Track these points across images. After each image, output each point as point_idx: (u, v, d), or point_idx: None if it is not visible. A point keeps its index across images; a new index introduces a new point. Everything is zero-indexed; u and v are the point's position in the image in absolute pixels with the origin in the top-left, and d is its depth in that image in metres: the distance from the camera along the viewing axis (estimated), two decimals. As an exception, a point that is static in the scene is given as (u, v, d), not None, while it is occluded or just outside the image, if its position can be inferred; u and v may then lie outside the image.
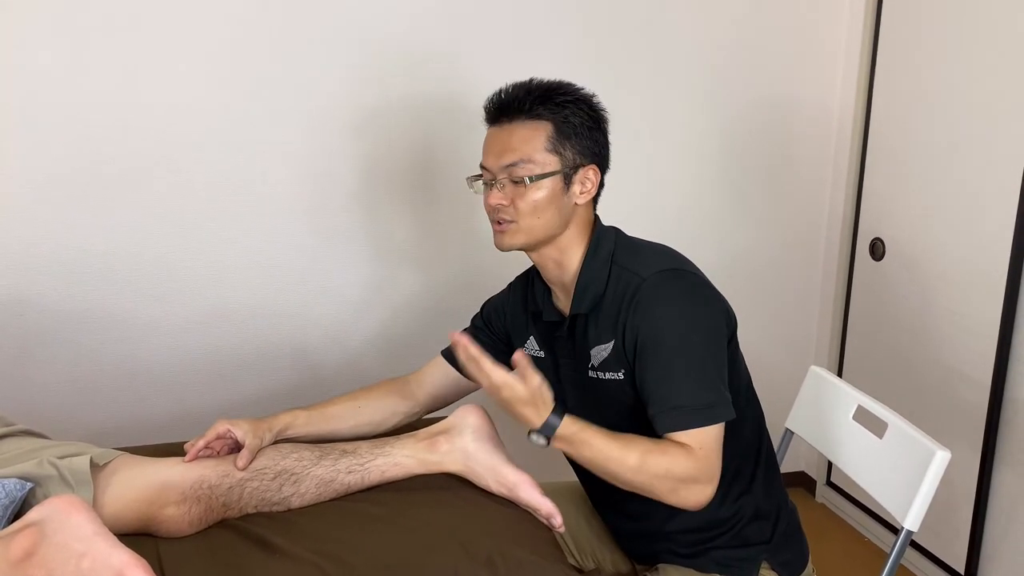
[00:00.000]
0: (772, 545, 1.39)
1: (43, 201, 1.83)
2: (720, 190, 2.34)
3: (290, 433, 1.41)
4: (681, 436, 1.23)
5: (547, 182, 1.30)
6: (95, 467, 1.24)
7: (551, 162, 1.31)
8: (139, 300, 1.93)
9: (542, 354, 1.44)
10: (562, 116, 1.31)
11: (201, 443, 1.32)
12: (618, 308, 1.30)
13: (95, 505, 1.20)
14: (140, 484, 1.24)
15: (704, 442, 1.23)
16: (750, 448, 1.40)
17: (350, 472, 1.34)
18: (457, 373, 1.50)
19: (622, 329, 1.29)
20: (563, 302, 1.40)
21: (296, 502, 1.32)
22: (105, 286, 1.90)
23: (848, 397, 1.56)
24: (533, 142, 1.30)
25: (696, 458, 1.23)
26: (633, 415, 1.31)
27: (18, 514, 1.15)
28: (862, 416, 1.54)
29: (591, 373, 1.34)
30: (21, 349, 1.88)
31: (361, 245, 2.07)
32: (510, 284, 1.54)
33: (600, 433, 1.23)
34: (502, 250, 1.35)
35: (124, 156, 1.86)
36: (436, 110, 2.05)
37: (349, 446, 1.38)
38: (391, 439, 1.40)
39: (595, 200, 1.37)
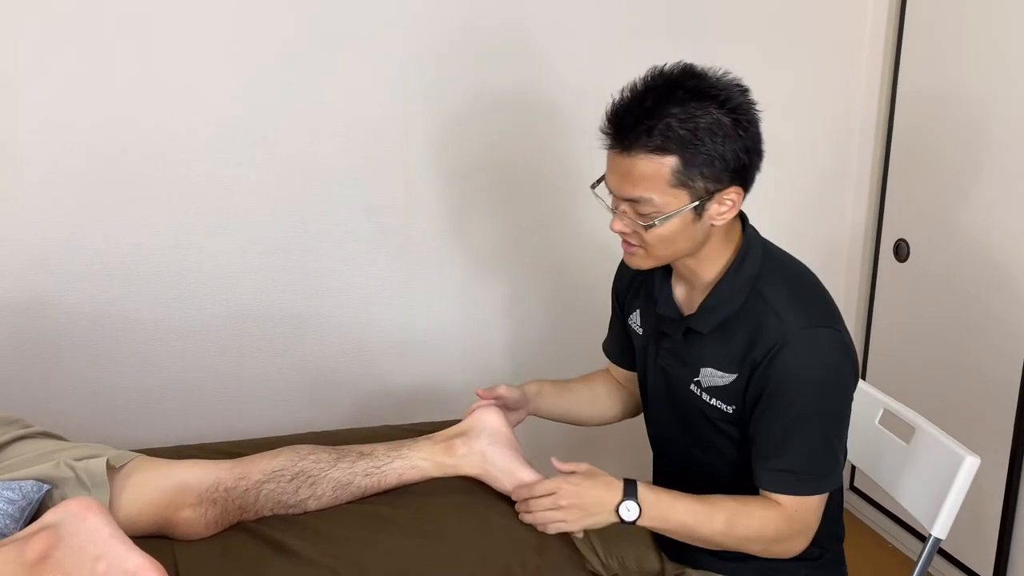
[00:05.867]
0: (818, 563, 1.37)
1: (62, 202, 1.83)
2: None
3: (537, 401, 1.47)
4: (781, 498, 1.22)
5: (674, 219, 1.18)
6: (112, 469, 1.23)
7: (678, 197, 1.17)
8: (158, 302, 1.93)
9: (641, 331, 1.39)
10: (691, 143, 1.14)
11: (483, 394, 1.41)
12: (749, 344, 1.22)
13: (111, 507, 1.20)
14: (156, 486, 1.23)
15: (802, 506, 1.22)
16: None
17: (367, 475, 1.32)
18: (619, 368, 1.55)
19: (749, 371, 1.22)
20: (683, 299, 1.33)
21: (313, 505, 1.30)
22: (124, 288, 1.90)
23: (874, 401, 1.53)
24: (655, 181, 1.16)
25: (787, 517, 1.22)
26: (719, 435, 1.30)
27: (35, 516, 1.15)
28: (888, 420, 1.51)
29: (692, 387, 1.30)
30: (39, 350, 1.89)
31: (377, 248, 2.06)
32: None
33: (683, 496, 1.23)
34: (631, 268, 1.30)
35: (143, 156, 1.85)
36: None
37: (366, 448, 1.37)
38: (407, 441, 1.38)
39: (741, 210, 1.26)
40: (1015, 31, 1.90)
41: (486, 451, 1.33)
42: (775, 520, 1.22)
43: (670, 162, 1.15)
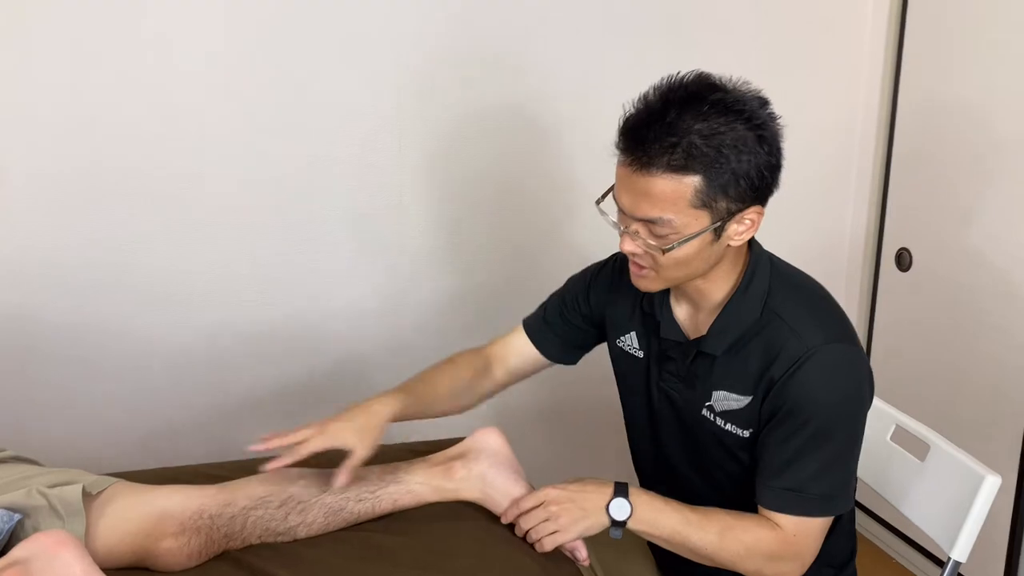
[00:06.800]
0: None
1: (40, 213, 1.75)
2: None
3: (397, 417, 1.30)
4: (782, 517, 1.17)
5: (693, 241, 1.12)
6: (88, 496, 1.16)
7: (699, 219, 1.10)
8: (142, 315, 1.85)
9: (640, 355, 1.32)
10: (715, 162, 1.07)
11: (287, 461, 1.18)
12: (766, 364, 1.17)
13: (88, 537, 1.13)
14: (136, 515, 1.16)
15: (803, 529, 1.17)
16: None
17: (360, 500, 1.25)
18: (535, 350, 1.42)
19: (765, 391, 1.17)
20: (687, 321, 1.26)
21: (303, 532, 1.23)
22: (104, 300, 1.82)
23: (885, 416, 1.47)
24: (676, 202, 1.08)
25: (784, 538, 1.16)
26: (732, 461, 1.24)
27: (5, 548, 1.08)
28: (900, 437, 1.46)
29: (704, 412, 1.24)
30: (18, 367, 1.81)
31: (369, 261, 2.00)
32: (614, 257, 1.38)
33: (676, 503, 1.19)
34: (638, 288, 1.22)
35: (127, 165, 1.78)
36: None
37: (360, 471, 1.29)
38: (403, 464, 1.31)
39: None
40: (1017, 37, 1.86)
41: (486, 474, 1.26)
42: (771, 539, 1.17)
43: (692, 182, 1.08)
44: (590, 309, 1.41)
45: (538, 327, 1.44)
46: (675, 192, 1.08)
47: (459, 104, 1.96)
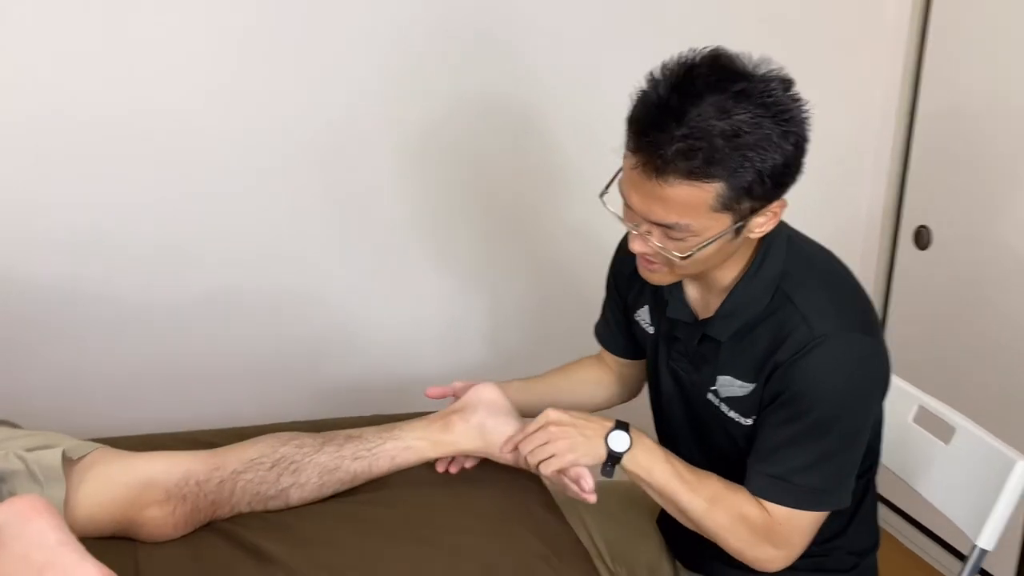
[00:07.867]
0: (851, 575, 1.26)
1: (34, 173, 1.67)
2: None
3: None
4: (770, 505, 1.10)
5: (713, 243, 1.03)
6: (68, 461, 1.09)
7: (720, 221, 1.00)
8: (137, 281, 1.77)
9: (651, 330, 1.27)
10: (740, 165, 0.96)
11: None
12: (772, 349, 1.09)
13: (67, 504, 1.07)
14: (119, 482, 1.10)
15: (790, 519, 1.10)
16: (855, 491, 1.20)
17: (356, 458, 1.19)
18: (614, 356, 1.42)
19: (767, 375, 1.10)
20: (697, 301, 1.19)
21: (295, 494, 1.17)
22: (100, 265, 1.75)
23: (908, 397, 1.41)
24: (695, 207, 0.99)
25: (770, 526, 1.10)
26: (737, 449, 1.18)
27: (-21, 514, 1.01)
28: (924, 418, 1.39)
29: (709, 396, 1.18)
30: (5, 333, 1.73)
31: (361, 239, 1.93)
32: (623, 239, 1.33)
33: (675, 458, 1.13)
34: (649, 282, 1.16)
35: (116, 127, 1.69)
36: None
37: (355, 431, 1.24)
38: (400, 423, 1.25)
39: None
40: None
41: (485, 423, 1.22)
42: (757, 520, 1.10)
43: (714, 187, 0.97)
44: (622, 298, 1.37)
45: (604, 333, 1.44)
46: (694, 198, 0.98)
47: (451, 87, 1.88)
